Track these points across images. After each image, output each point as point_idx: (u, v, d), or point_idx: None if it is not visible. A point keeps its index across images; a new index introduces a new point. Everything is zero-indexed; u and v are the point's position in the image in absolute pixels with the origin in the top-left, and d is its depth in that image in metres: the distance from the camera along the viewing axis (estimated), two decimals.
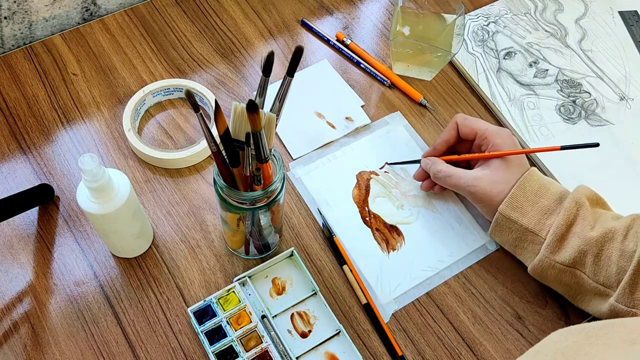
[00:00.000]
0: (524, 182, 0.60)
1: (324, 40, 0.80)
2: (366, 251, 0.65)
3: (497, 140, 0.62)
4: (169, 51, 0.77)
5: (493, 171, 0.61)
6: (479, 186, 0.61)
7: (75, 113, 0.72)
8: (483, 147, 0.64)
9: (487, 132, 0.63)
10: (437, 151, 0.66)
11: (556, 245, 0.57)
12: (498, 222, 0.61)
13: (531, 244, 0.59)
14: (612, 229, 0.56)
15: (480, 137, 0.64)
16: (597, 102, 0.77)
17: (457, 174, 0.63)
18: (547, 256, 0.58)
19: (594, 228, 0.57)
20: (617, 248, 0.55)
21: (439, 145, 0.66)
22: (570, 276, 0.58)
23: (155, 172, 0.68)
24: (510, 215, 0.59)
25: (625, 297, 0.54)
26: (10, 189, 0.66)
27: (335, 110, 0.74)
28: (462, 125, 0.65)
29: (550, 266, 0.58)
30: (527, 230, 0.59)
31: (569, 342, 0.40)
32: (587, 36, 0.83)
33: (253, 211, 0.54)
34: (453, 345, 0.60)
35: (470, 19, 0.83)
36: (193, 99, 0.47)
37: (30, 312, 0.59)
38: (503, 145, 0.62)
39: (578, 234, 0.57)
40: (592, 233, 0.56)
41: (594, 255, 0.56)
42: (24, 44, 0.79)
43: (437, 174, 0.64)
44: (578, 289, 0.58)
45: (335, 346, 0.59)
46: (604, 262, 0.56)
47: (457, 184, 0.63)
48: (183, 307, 0.61)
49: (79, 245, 0.63)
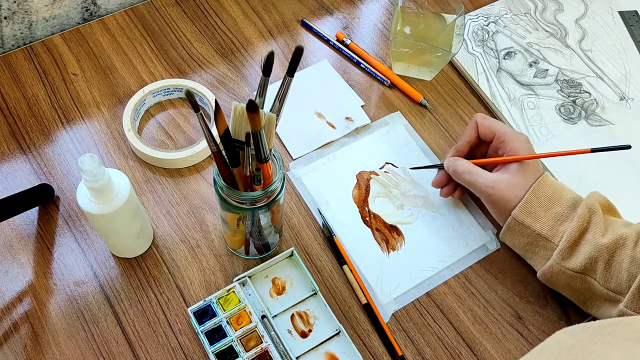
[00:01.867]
0: (538, 188, 0.60)
1: (324, 40, 0.80)
2: (366, 251, 0.65)
3: (515, 144, 0.62)
4: (169, 51, 0.77)
5: (512, 176, 0.61)
6: (498, 189, 0.61)
7: (75, 113, 0.72)
8: (500, 150, 0.64)
9: (506, 135, 0.63)
10: (460, 152, 0.66)
11: (568, 252, 0.57)
12: (511, 226, 0.61)
13: (543, 249, 0.59)
14: (623, 235, 0.56)
15: (498, 140, 0.64)
16: (597, 102, 0.77)
17: (477, 172, 0.62)
18: (558, 262, 0.58)
19: (605, 235, 0.57)
20: (628, 255, 0.55)
21: (461, 146, 0.66)
22: (581, 282, 0.58)
23: (155, 172, 0.68)
24: (524, 220, 0.59)
25: (635, 303, 0.54)
26: (10, 189, 0.66)
27: (335, 110, 0.74)
28: (481, 125, 0.65)
29: (560, 272, 0.58)
30: (539, 236, 0.59)
31: (574, 341, 0.40)
32: (587, 36, 0.83)
33: (253, 211, 0.54)
34: (453, 345, 0.60)
35: (470, 19, 0.83)
36: (193, 99, 0.47)
37: (30, 312, 0.59)
38: (520, 149, 0.62)
39: (590, 241, 0.57)
40: (604, 240, 0.56)
41: (604, 261, 0.56)
42: (24, 44, 0.79)
43: (458, 167, 0.63)
44: (588, 294, 0.58)
45: (335, 346, 0.59)
46: (615, 268, 0.56)
47: (476, 182, 0.62)
48: (183, 307, 0.61)
49: (79, 245, 0.63)
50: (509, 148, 0.62)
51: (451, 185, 0.67)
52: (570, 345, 0.39)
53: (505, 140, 0.63)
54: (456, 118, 0.75)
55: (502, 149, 0.63)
